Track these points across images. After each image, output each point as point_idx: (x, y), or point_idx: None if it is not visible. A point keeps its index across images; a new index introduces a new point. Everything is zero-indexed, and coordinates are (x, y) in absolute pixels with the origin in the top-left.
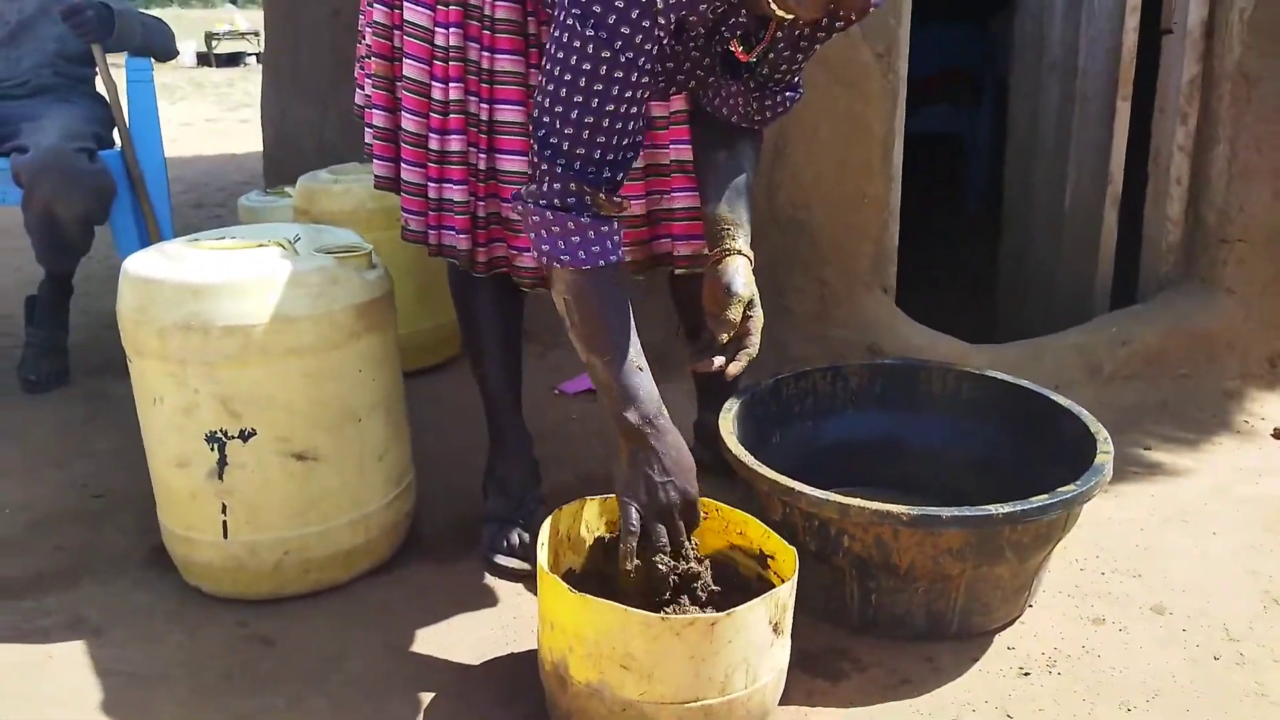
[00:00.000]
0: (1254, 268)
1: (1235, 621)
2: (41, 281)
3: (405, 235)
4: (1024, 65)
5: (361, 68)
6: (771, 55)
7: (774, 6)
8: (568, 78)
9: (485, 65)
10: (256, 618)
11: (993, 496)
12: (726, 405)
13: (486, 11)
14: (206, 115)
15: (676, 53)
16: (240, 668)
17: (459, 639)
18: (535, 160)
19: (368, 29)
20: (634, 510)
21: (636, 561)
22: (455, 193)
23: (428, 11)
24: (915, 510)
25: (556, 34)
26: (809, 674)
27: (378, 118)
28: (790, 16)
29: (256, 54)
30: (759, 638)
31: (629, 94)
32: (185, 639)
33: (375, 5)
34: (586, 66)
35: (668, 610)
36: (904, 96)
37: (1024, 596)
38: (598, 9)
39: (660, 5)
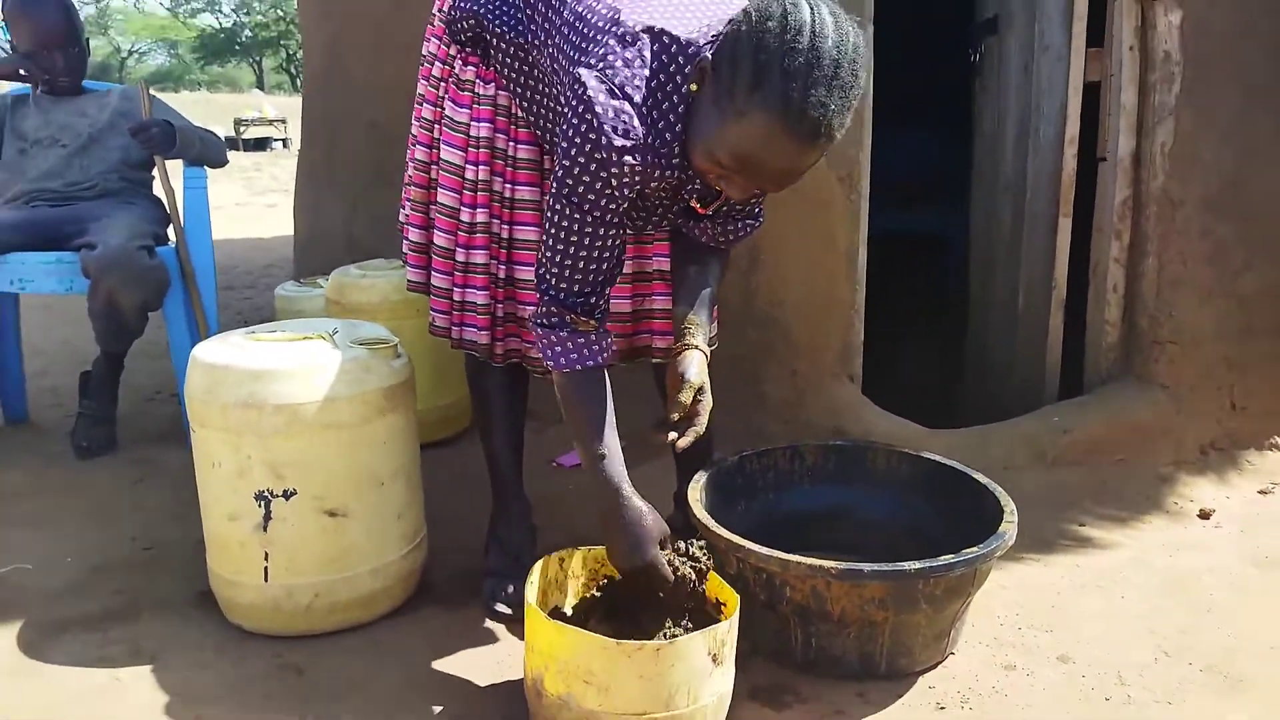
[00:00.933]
0: (1183, 366)
1: (1128, 669)
2: (96, 359)
3: (432, 330)
4: (981, 185)
5: (404, 191)
6: (725, 209)
7: (713, 185)
8: (556, 235)
9: (507, 195)
10: (290, 650)
11: (923, 558)
12: (695, 477)
13: (510, 153)
14: (235, 199)
15: (646, 206)
16: (277, 691)
17: (463, 669)
18: (537, 293)
19: (410, 164)
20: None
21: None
22: (478, 296)
23: (461, 152)
24: (842, 565)
25: (549, 202)
26: (758, 704)
27: (413, 234)
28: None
29: (283, 139)
30: (699, 665)
31: (598, 245)
32: (230, 667)
33: (417, 145)
34: (566, 225)
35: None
36: (865, 212)
37: (944, 643)
38: (574, 186)
39: (618, 187)
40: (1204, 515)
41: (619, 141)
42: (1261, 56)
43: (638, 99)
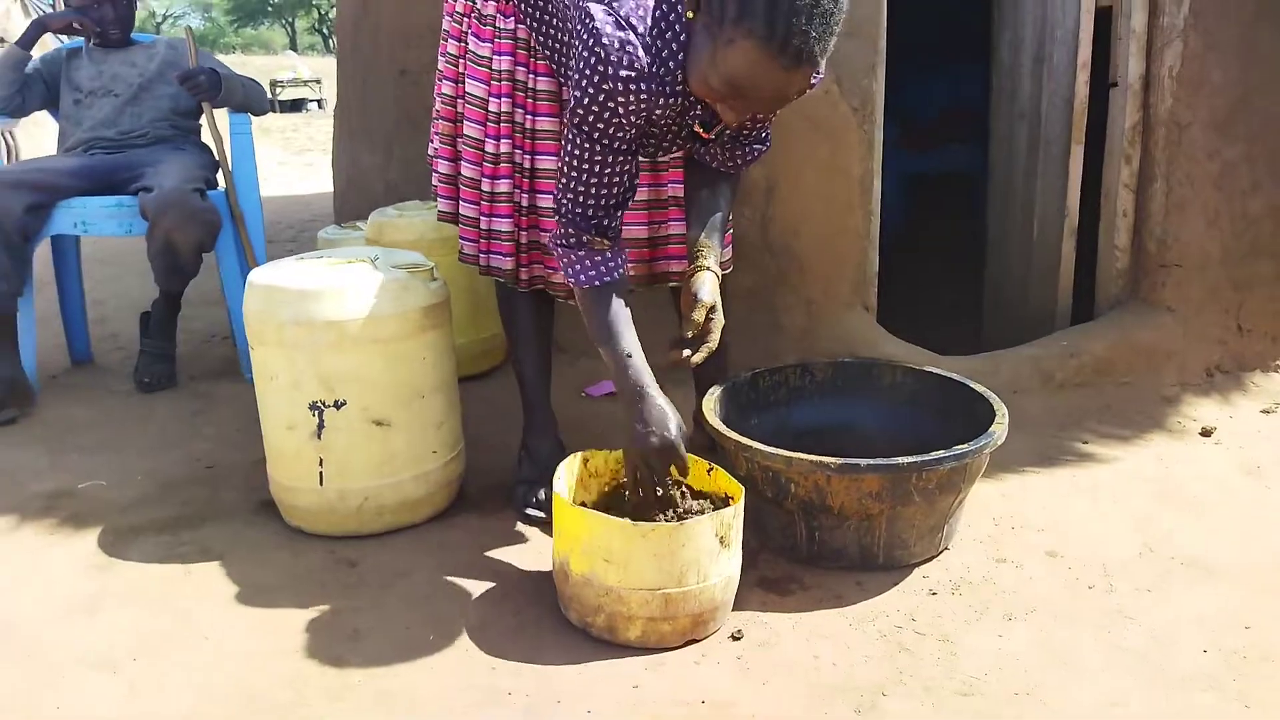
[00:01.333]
0: (1189, 289)
1: (1112, 563)
2: (155, 300)
3: (461, 258)
4: (999, 113)
5: (432, 125)
6: (729, 133)
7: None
8: (570, 163)
9: (529, 126)
10: (343, 547)
11: None
12: (709, 391)
13: (530, 85)
14: (275, 159)
15: (653, 133)
16: (332, 580)
17: (497, 563)
18: (555, 216)
19: (437, 99)
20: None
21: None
22: (503, 224)
23: (484, 85)
24: (841, 460)
25: (566, 133)
26: (765, 591)
27: (442, 165)
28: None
29: (318, 100)
30: (707, 545)
31: (610, 170)
32: (290, 561)
33: (443, 80)
34: (578, 152)
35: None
36: (879, 142)
37: (938, 537)
38: (585, 115)
39: (626, 115)
40: (1205, 434)
41: (624, 72)
42: None
43: (641, 29)
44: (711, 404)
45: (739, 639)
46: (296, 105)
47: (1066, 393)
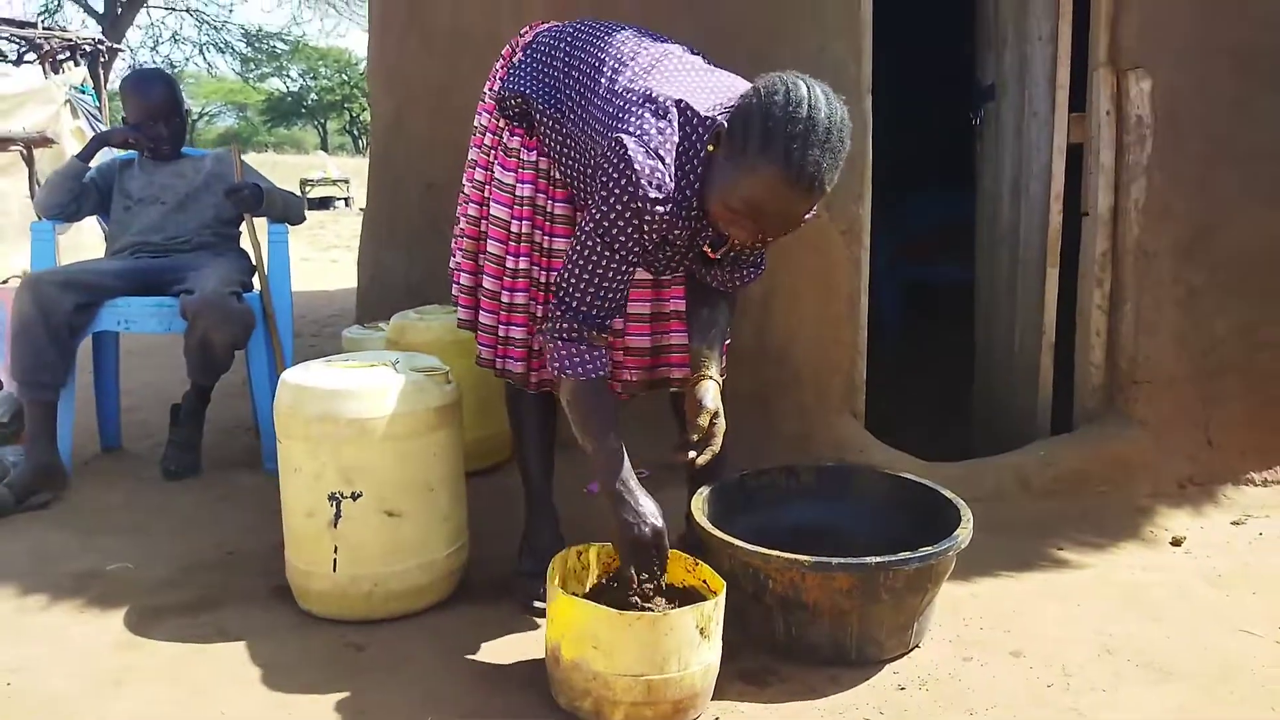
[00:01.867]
0: (1160, 404)
1: (1072, 663)
2: (186, 393)
3: (479, 362)
4: (984, 236)
5: (455, 242)
6: (732, 254)
7: (723, 231)
8: (580, 261)
9: (545, 245)
10: (353, 632)
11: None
12: (699, 491)
13: (549, 209)
14: (301, 255)
15: (667, 252)
16: (340, 661)
17: (496, 650)
18: (553, 307)
19: (462, 219)
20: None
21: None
22: (518, 332)
23: (507, 209)
24: (814, 559)
25: (579, 232)
26: (743, 682)
27: (463, 278)
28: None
29: (345, 199)
30: (688, 636)
31: (618, 277)
32: (301, 643)
33: (469, 203)
34: (594, 258)
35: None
36: (866, 263)
37: (908, 635)
38: (609, 229)
39: (648, 232)
40: (1175, 543)
41: (653, 194)
42: (1225, 114)
43: (668, 160)
44: (700, 503)
45: None
46: (325, 203)
47: (1044, 501)
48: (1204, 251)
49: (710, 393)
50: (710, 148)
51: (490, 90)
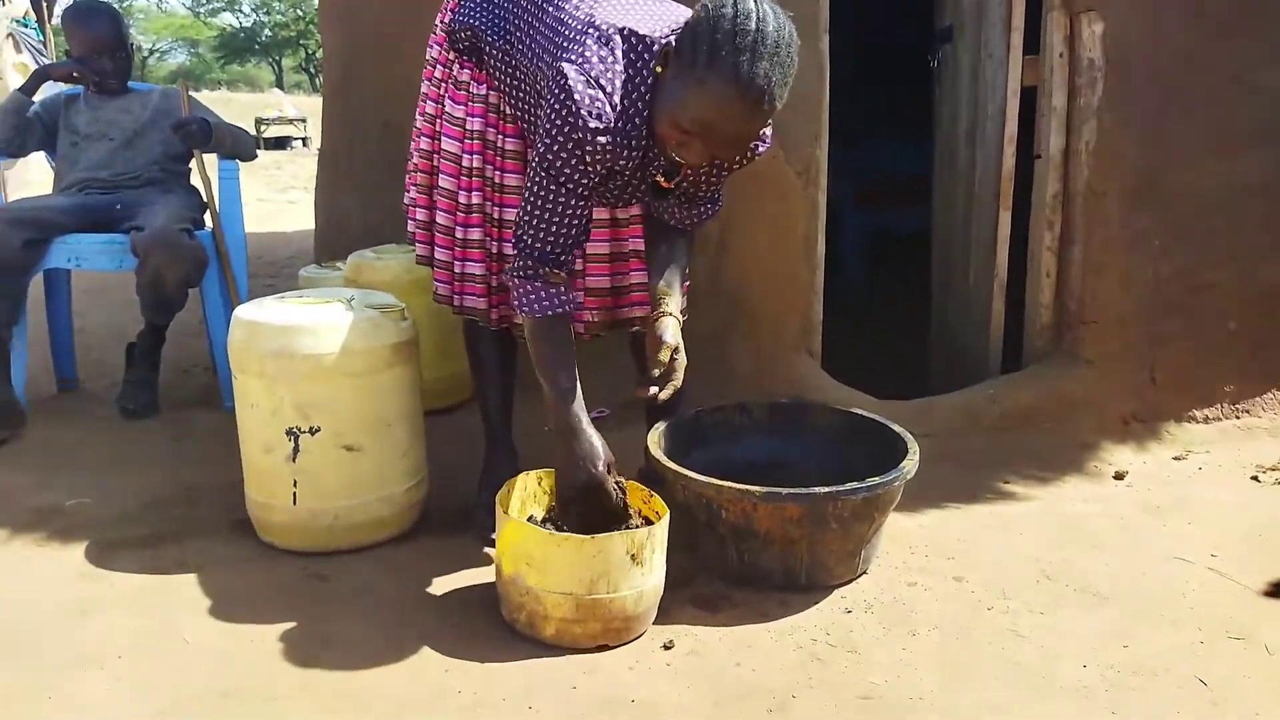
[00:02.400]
0: (1106, 344)
1: (1011, 587)
2: (141, 331)
3: (436, 298)
4: (941, 179)
5: (409, 177)
6: (685, 184)
7: (673, 156)
8: (532, 199)
9: (497, 180)
10: (314, 563)
11: None
12: (655, 426)
13: (499, 144)
14: (257, 195)
15: (618, 183)
16: (303, 593)
17: (453, 579)
18: (514, 247)
19: (415, 153)
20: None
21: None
22: (475, 268)
23: (458, 143)
24: (765, 489)
25: (530, 171)
26: (697, 607)
27: (419, 214)
28: (683, 163)
29: (303, 138)
30: (617, 560)
31: (570, 211)
32: (263, 575)
33: (420, 137)
34: (543, 193)
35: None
36: (823, 203)
37: (855, 562)
38: (554, 161)
39: (591, 164)
40: (1118, 476)
41: (593, 124)
42: (1176, 63)
43: (609, 89)
44: (656, 438)
45: (670, 648)
46: (281, 143)
47: (993, 436)
48: (1151, 195)
49: (670, 329)
50: (658, 69)
51: (441, 22)
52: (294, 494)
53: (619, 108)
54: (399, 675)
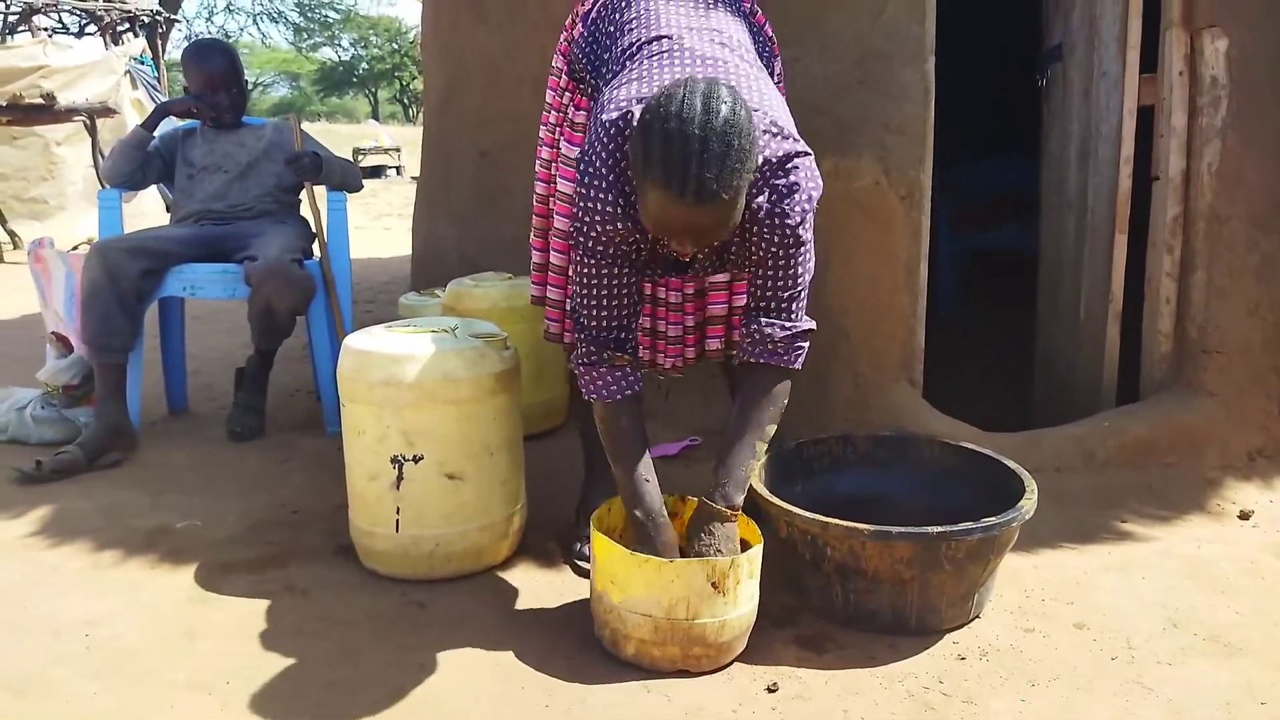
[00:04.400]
0: (1230, 374)
1: (1136, 636)
2: (250, 357)
3: (547, 336)
4: (1048, 202)
5: (531, 219)
6: (700, 256)
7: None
8: (577, 277)
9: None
10: (414, 590)
11: None
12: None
13: None
14: (354, 223)
15: (645, 257)
16: (403, 618)
17: (552, 609)
18: (573, 333)
19: (534, 197)
20: None
21: None
22: None
23: (572, 184)
24: (874, 527)
25: (571, 256)
26: (801, 648)
27: (535, 255)
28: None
29: (397, 167)
30: (698, 586)
31: (614, 282)
32: (366, 600)
33: (538, 182)
34: (584, 269)
35: None
36: (926, 228)
37: (968, 605)
38: (584, 240)
39: (616, 244)
40: (1244, 516)
41: (598, 212)
42: None
43: (611, 177)
44: (758, 470)
45: (774, 691)
46: (377, 171)
47: (1108, 472)
48: (1279, 219)
49: (713, 538)
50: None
51: (555, 65)
52: (396, 521)
53: (622, 190)
54: (495, 707)
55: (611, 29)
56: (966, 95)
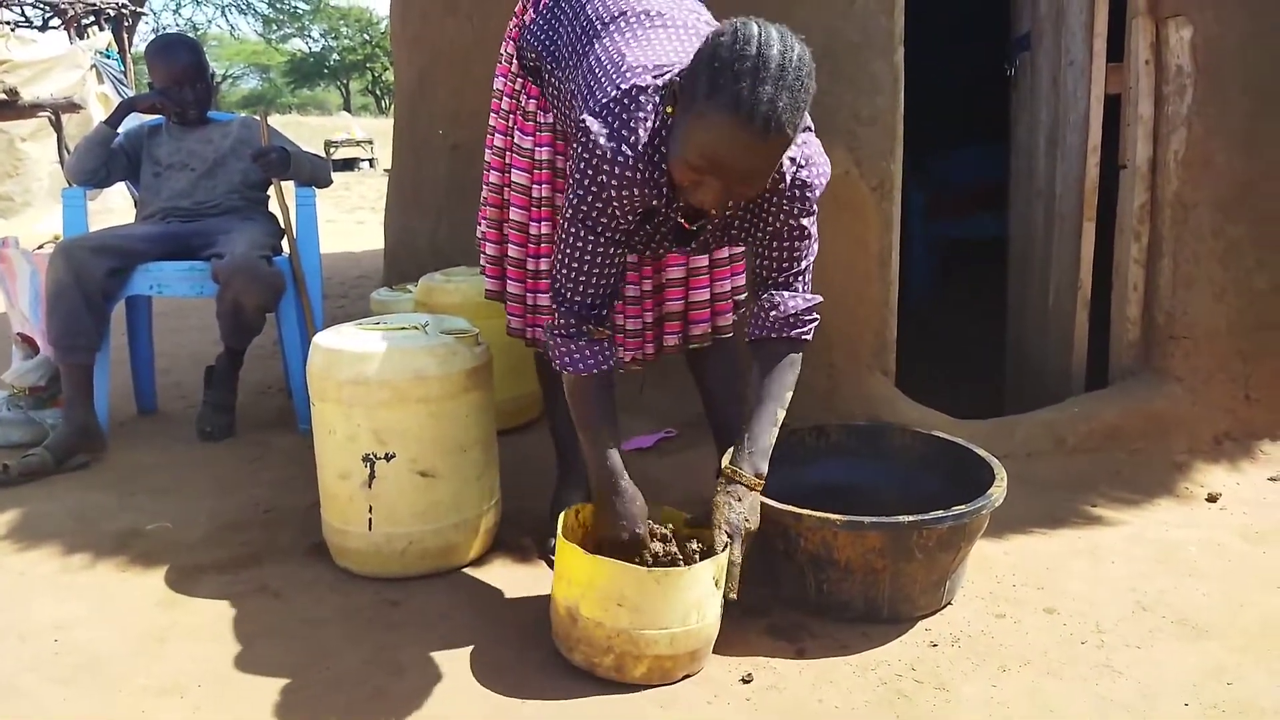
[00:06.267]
0: (1198, 360)
1: (1106, 619)
2: (219, 355)
3: (509, 331)
4: (1018, 191)
5: (480, 211)
6: (709, 226)
7: (692, 199)
8: (566, 250)
9: (561, 213)
10: (388, 588)
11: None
12: (728, 451)
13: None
14: (326, 216)
15: (645, 229)
16: (377, 617)
17: (528, 606)
18: (551, 303)
19: (485, 187)
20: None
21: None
22: (546, 299)
23: (527, 174)
24: (846, 517)
25: (561, 221)
26: (775, 638)
27: (489, 248)
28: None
29: (370, 159)
30: (707, 588)
31: (606, 261)
32: (340, 599)
33: (490, 170)
34: (577, 242)
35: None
36: (897, 218)
37: (940, 593)
38: (587, 211)
39: (621, 214)
40: (1212, 499)
41: (615, 180)
42: (1272, 66)
43: (633, 139)
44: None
45: (749, 682)
46: (349, 164)
47: (1078, 457)
48: (1245, 205)
49: (730, 505)
50: (668, 109)
51: (505, 51)
52: (369, 520)
53: (642, 156)
54: (472, 707)
55: (570, 11)
56: (939, 85)
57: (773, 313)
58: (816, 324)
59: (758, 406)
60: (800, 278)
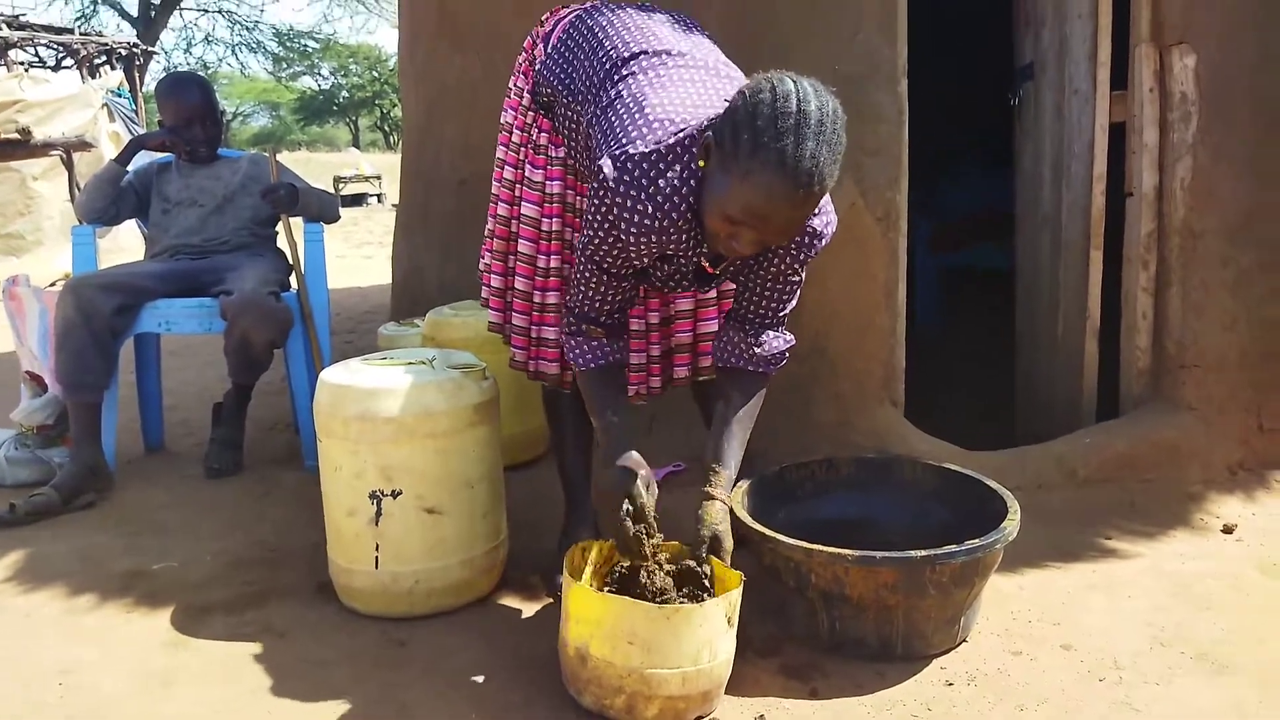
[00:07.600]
0: (1209, 389)
1: (1123, 656)
2: (227, 392)
3: (512, 364)
4: (1024, 220)
5: (485, 244)
6: (731, 270)
7: (723, 248)
8: (578, 279)
9: (576, 243)
10: (394, 628)
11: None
12: (739, 484)
13: (578, 206)
14: (335, 252)
15: (663, 269)
16: (384, 658)
17: (536, 645)
18: (565, 310)
19: (491, 219)
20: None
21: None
22: (550, 333)
23: (538, 207)
24: (858, 552)
25: (577, 253)
26: (788, 678)
27: (494, 280)
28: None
29: (378, 195)
30: (719, 626)
31: (613, 293)
32: (345, 640)
33: (499, 203)
34: (588, 275)
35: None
36: (903, 249)
37: (955, 629)
38: (596, 250)
39: (634, 258)
40: (1227, 530)
41: (632, 229)
42: (1277, 92)
43: (653, 190)
44: (740, 496)
45: None
46: (358, 200)
47: (1090, 489)
48: (1254, 233)
49: (709, 519)
50: (701, 163)
51: (515, 85)
52: (376, 558)
53: (662, 207)
54: None
55: (585, 46)
56: (942, 116)
57: (756, 349)
58: (785, 362)
59: (728, 432)
60: (784, 319)
